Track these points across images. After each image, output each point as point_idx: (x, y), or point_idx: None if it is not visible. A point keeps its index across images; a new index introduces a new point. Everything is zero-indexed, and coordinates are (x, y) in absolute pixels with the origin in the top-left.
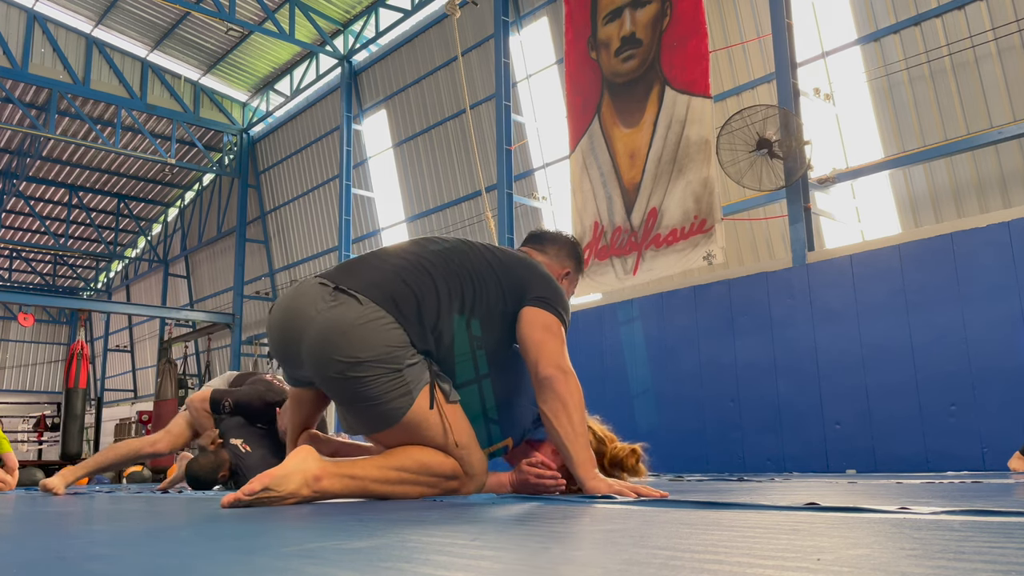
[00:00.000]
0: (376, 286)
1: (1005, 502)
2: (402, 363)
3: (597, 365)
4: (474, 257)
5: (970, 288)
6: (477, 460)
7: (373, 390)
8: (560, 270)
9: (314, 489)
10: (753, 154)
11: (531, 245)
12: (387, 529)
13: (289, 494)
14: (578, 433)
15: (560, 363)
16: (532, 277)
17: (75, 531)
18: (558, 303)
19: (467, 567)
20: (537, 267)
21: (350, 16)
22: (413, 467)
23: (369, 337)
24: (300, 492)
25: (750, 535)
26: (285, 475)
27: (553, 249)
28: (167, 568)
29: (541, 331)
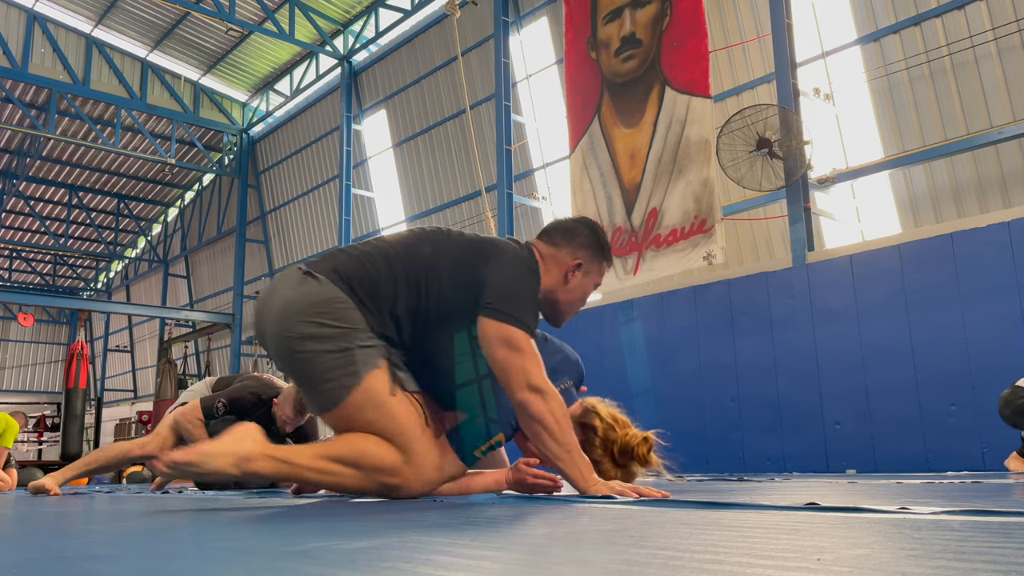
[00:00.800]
0: (339, 270)
1: (1005, 502)
2: (353, 343)
3: (597, 365)
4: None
5: (970, 288)
6: (427, 457)
7: (319, 367)
8: (570, 261)
9: (243, 470)
10: (753, 154)
11: (540, 237)
12: (387, 529)
13: (214, 471)
14: (565, 450)
15: (531, 382)
16: (488, 272)
17: (75, 531)
18: (515, 308)
19: (467, 567)
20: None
21: (350, 16)
22: (350, 457)
23: (322, 314)
24: (226, 471)
25: (750, 535)
26: (215, 452)
27: (563, 239)
28: (166, 568)
29: (502, 349)
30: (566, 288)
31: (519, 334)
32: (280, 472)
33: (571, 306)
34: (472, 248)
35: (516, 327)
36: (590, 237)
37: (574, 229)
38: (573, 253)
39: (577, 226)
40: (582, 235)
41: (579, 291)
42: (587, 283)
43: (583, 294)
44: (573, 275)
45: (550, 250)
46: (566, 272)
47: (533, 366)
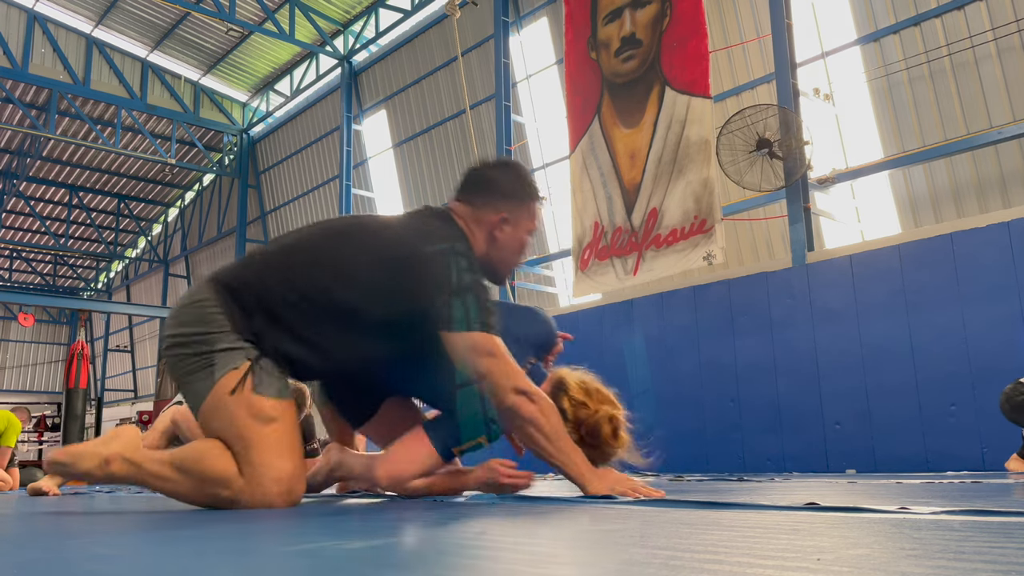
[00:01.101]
0: (219, 273)
1: (1005, 502)
2: (214, 346)
3: (597, 365)
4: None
5: (970, 288)
6: (267, 470)
7: (182, 370)
8: (494, 218)
9: (104, 472)
10: (753, 154)
11: (458, 196)
12: (387, 529)
13: (84, 473)
14: (560, 450)
15: (516, 385)
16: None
17: (75, 531)
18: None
19: (467, 567)
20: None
21: (350, 16)
22: (185, 464)
23: (186, 317)
24: (93, 473)
25: (750, 535)
26: (84, 453)
27: (481, 195)
28: (166, 568)
29: (477, 359)
30: (497, 247)
31: (487, 339)
32: (130, 476)
33: (508, 262)
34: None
35: (480, 331)
36: (509, 183)
37: (491, 180)
38: (496, 208)
39: (493, 174)
40: (500, 184)
41: (513, 244)
42: (519, 233)
43: (519, 246)
44: (501, 231)
45: (470, 211)
46: (492, 231)
47: (513, 368)
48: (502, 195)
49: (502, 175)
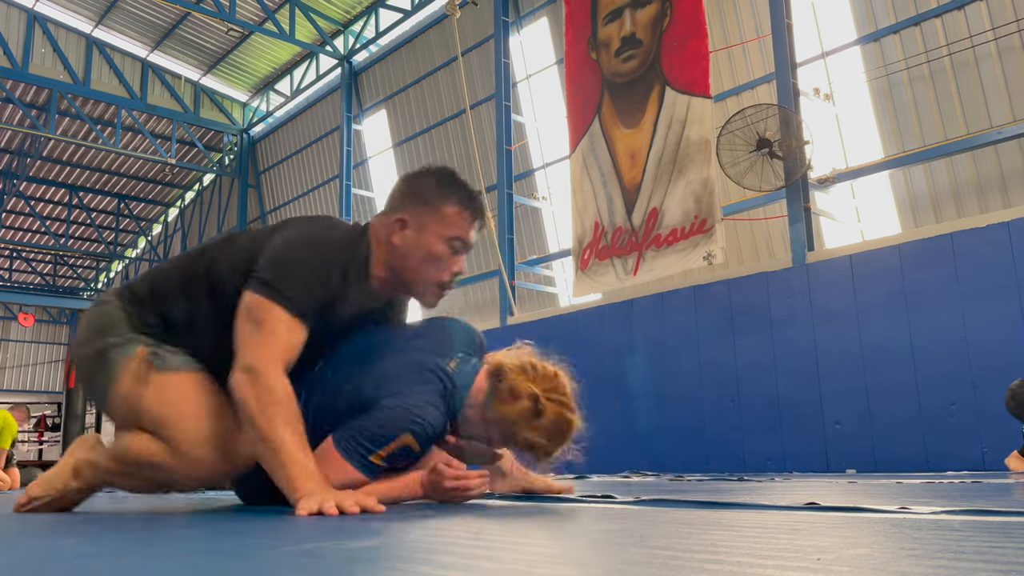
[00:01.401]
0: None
1: (1005, 502)
2: (106, 342)
3: (597, 365)
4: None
5: (970, 288)
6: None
7: (83, 372)
8: (390, 221)
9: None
10: (753, 154)
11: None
12: (387, 529)
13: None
14: (268, 447)
15: (246, 361)
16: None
17: (75, 530)
18: (276, 278)
19: (467, 567)
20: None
21: (350, 16)
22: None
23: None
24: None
25: (750, 535)
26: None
27: (388, 203)
28: (167, 567)
29: (244, 323)
30: (397, 254)
31: (270, 308)
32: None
33: (417, 273)
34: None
35: (269, 299)
36: (420, 185)
37: (403, 185)
38: (394, 210)
39: (408, 179)
40: (410, 187)
41: (417, 251)
42: (425, 239)
43: (425, 254)
44: (400, 236)
45: (378, 219)
46: (390, 236)
47: (262, 343)
48: (407, 198)
49: (416, 179)
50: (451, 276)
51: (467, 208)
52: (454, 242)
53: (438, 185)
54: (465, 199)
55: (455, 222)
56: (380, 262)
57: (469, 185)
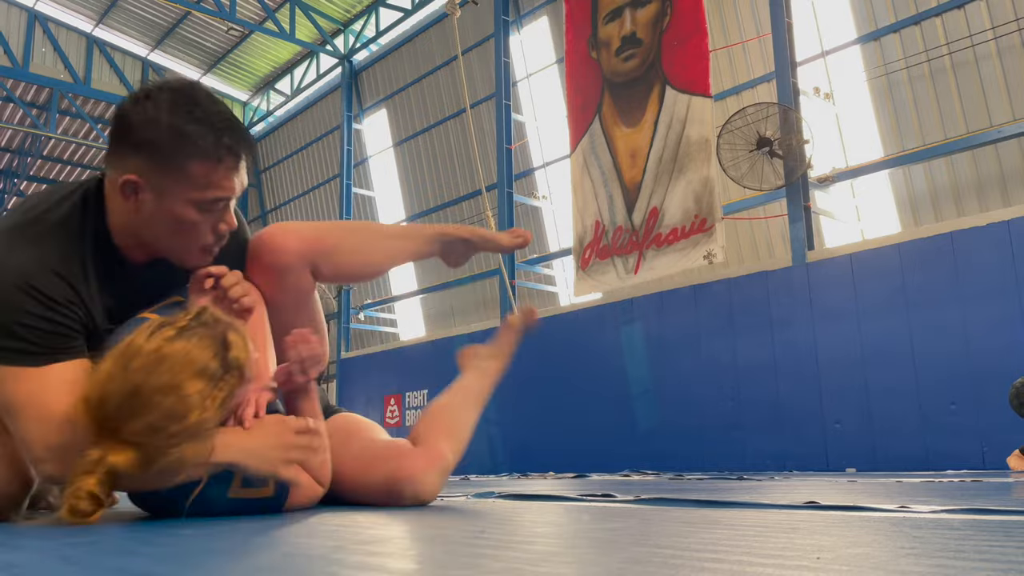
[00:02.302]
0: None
1: (1005, 501)
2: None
3: (597, 365)
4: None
5: (970, 288)
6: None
7: None
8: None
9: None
10: (753, 153)
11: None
12: (387, 528)
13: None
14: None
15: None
16: None
17: (75, 529)
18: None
19: (468, 565)
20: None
21: (350, 15)
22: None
23: None
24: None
25: (750, 533)
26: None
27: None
28: (167, 567)
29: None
30: (138, 222)
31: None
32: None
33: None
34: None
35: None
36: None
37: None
38: (122, 166)
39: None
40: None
41: (163, 220)
42: (171, 205)
43: (174, 222)
44: (133, 201)
45: (108, 172)
46: (123, 199)
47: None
48: (134, 146)
49: (140, 117)
50: (216, 237)
51: (221, 158)
52: (212, 204)
53: (172, 130)
54: (213, 146)
55: (207, 181)
56: (121, 231)
57: (215, 111)
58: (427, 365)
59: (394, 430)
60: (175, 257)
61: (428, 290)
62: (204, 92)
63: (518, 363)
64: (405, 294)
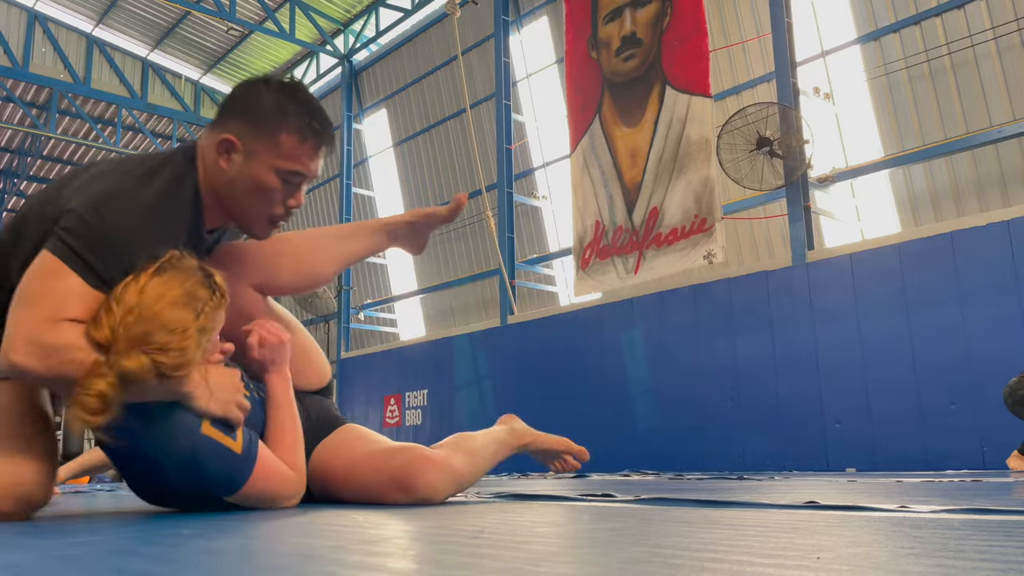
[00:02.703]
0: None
1: (1005, 500)
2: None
3: (597, 365)
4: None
5: (970, 287)
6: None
7: None
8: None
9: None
10: (753, 153)
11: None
12: (387, 528)
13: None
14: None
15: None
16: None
17: (75, 530)
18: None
19: (467, 565)
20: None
21: (350, 15)
22: None
23: None
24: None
25: (750, 533)
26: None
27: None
28: (167, 567)
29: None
30: (223, 179)
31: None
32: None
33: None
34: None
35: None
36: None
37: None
38: (221, 125)
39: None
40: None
41: (245, 181)
42: (255, 169)
43: (254, 185)
44: (225, 159)
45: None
46: (216, 158)
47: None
48: (236, 115)
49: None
50: (285, 210)
51: (308, 138)
52: (291, 176)
53: (275, 105)
54: (304, 126)
55: (292, 154)
56: (206, 190)
57: (314, 103)
58: (427, 365)
59: (394, 430)
60: (244, 221)
61: (428, 290)
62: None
63: (518, 363)
64: (405, 294)
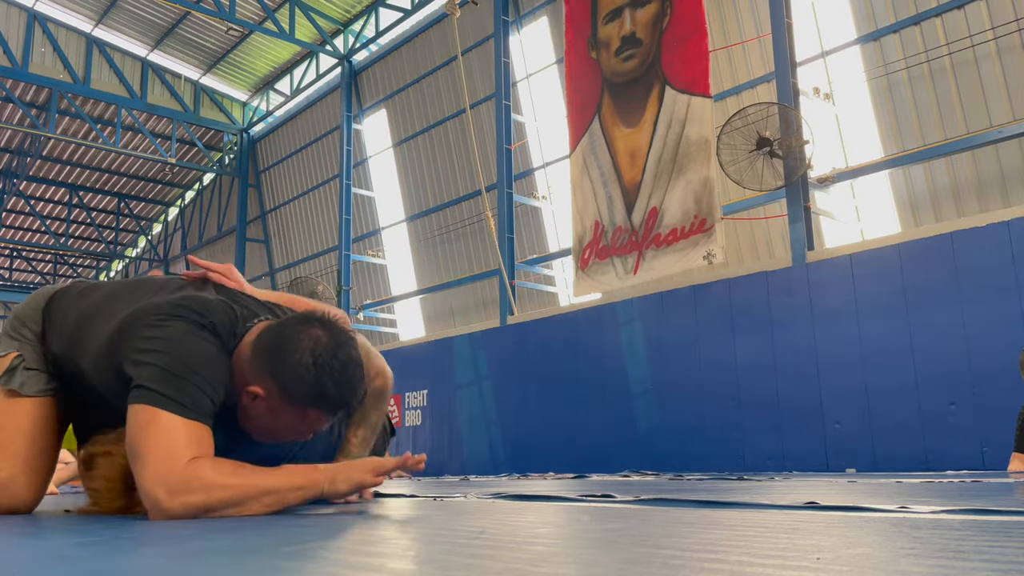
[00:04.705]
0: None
1: (1005, 501)
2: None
3: (597, 365)
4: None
5: (970, 288)
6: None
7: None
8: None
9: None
10: (753, 153)
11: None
12: (387, 528)
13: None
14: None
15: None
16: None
17: (75, 529)
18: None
19: (467, 566)
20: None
21: (350, 16)
22: None
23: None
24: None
25: (750, 534)
26: None
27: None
28: (166, 567)
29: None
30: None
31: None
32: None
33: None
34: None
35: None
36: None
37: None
38: (259, 376)
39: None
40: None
41: (265, 423)
42: (276, 421)
43: (272, 430)
44: (250, 402)
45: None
46: (240, 394)
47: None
48: (272, 375)
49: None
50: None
51: (336, 413)
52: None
53: (313, 386)
54: (335, 405)
55: (313, 422)
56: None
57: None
58: (427, 365)
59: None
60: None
61: (428, 290)
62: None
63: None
64: (405, 294)
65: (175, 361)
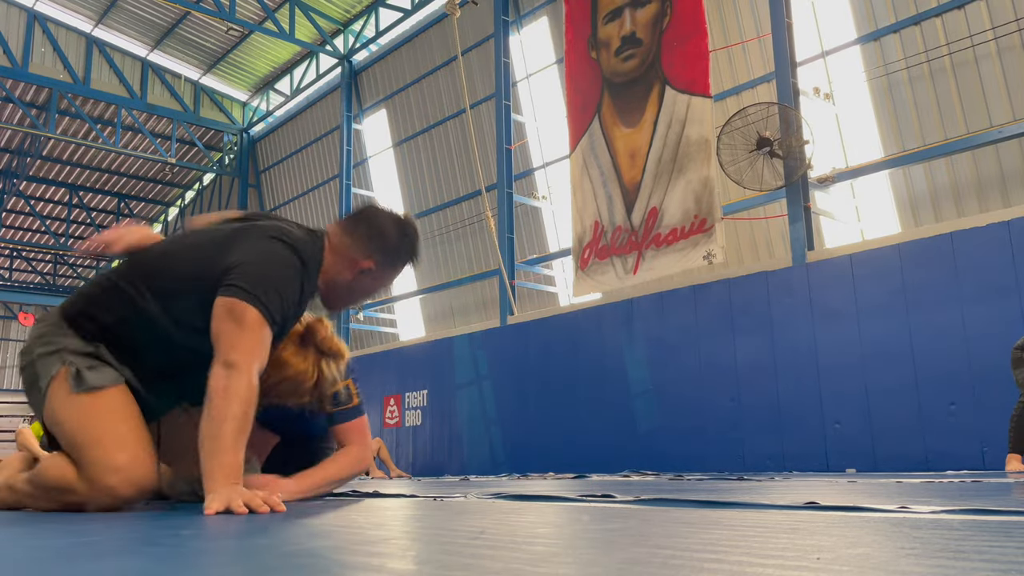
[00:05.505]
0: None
1: (1004, 501)
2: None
3: (597, 365)
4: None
5: (970, 288)
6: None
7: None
8: (361, 261)
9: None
10: (753, 153)
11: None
12: (387, 528)
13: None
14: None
15: (230, 357)
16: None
17: (74, 529)
18: (257, 287)
19: (468, 566)
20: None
21: (350, 16)
22: (34, 479)
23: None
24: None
25: (750, 534)
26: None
27: (365, 234)
28: (166, 567)
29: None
30: (349, 284)
31: (249, 310)
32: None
33: (349, 300)
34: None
35: (249, 303)
36: (395, 241)
37: (381, 230)
38: (368, 253)
39: (387, 226)
40: (386, 238)
41: (363, 290)
42: (373, 285)
43: (364, 293)
44: (361, 276)
45: (345, 240)
46: (354, 269)
47: (242, 341)
48: (381, 249)
49: (393, 231)
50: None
51: (411, 264)
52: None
53: (407, 247)
54: (413, 259)
55: (392, 279)
56: (323, 278)
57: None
58: (427, 365)
59: (394, 430)
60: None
61: (428, 290)
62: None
63: (518, 363)
64: (405, 294)
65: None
